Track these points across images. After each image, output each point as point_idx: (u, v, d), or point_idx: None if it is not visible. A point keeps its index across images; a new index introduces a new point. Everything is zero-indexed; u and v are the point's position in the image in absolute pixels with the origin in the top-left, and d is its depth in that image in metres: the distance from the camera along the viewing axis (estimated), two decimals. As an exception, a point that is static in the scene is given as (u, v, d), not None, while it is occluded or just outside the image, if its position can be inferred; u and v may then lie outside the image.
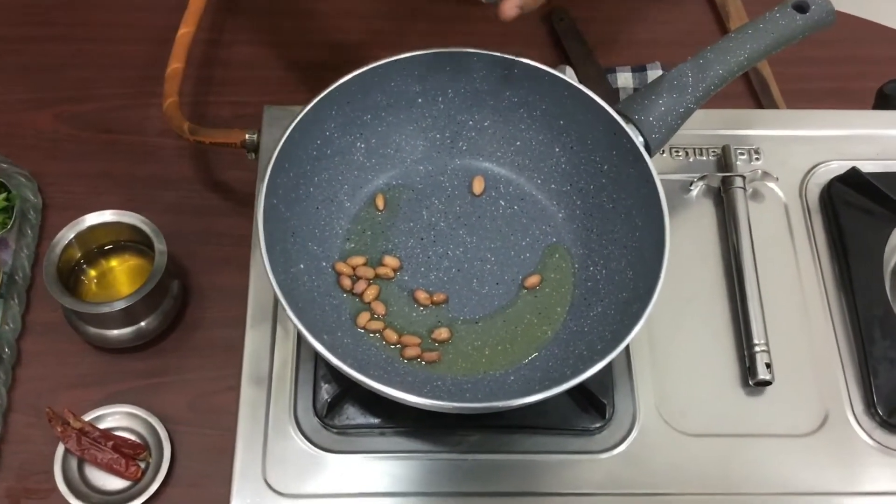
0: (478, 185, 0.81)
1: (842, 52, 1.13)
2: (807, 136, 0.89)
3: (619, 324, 0.70)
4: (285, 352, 0.76)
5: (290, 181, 0.74)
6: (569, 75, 1.06)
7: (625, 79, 1.09)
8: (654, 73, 1.08)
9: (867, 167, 0.85)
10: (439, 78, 0.78)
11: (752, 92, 1.10)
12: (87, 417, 0.86)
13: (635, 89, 1.08)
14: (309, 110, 0.73)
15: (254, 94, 1.06)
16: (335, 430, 0.73)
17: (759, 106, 1.09)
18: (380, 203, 0.80)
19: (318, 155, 0.76)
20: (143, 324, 0.89)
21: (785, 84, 1.09)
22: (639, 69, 1.09)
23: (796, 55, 1.05)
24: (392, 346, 0.74)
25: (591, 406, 0.74)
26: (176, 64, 0.94)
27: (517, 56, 0.76)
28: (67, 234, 0.87)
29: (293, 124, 0.72)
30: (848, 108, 1.02)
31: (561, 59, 1.11)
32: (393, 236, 0.78)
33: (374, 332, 0.74)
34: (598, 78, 1.08)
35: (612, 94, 1.07)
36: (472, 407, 0.68)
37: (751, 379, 0.76)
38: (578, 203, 0.79)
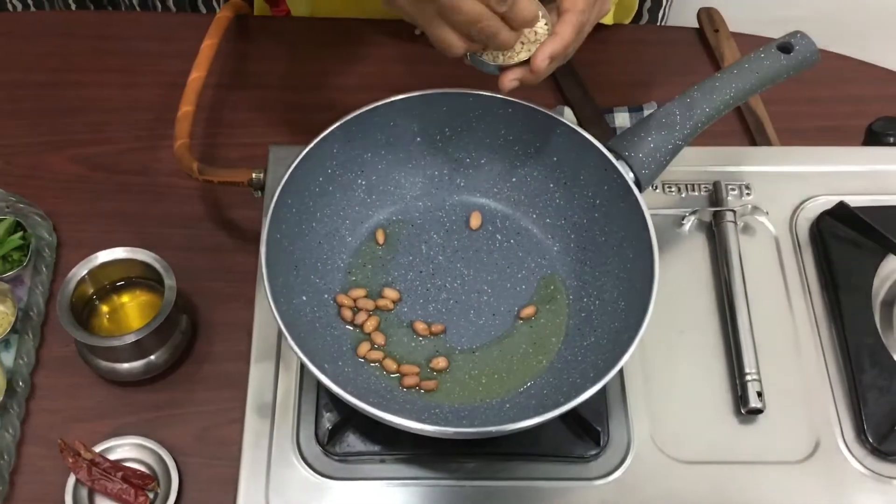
0: (475, 220, 0.83)
1: (835, 92, 1.15)
2: (796, 172, 0.91)
3: (610, 352, 0.72)
4: (288, 382, 0.78)
5: (293, 216, 0.76)
6: (567, 116, 1.10)
7: (622, 118, 1.11)
8: (650, 113, 1.11)
9: (855, 201, 0.87)
10: (436, 117, 0.81)
11: (747, 131, 1.12)
12: (98, 449, 0.88)
13: (632, 129, 1.11)
14: (311, 149, 0.76)
15: (261, 136, 1.09)
16: (336, 458, 0.75)
17: (754, 142, 1.12)
18: (380, 238, 0.82)
19: (321, 191, 0.79)
20: (152, 357, 0.91)
21: (779, 123, 1.11)
22: (635, 109, 1.12)
23: (790, 95, 1.08)
24: (391, 375, 0.76)
25: (586, 433, 0.76)
26: (187, 107, 0.98)
27: (511, 96, 0.79)
28: (80, 270, 0.90)
29: (295, 162, 0.75)
30: (841, 145, 1.04)
31: (559, 101, 1.14)
32: (393, 269, 0.81)
33: (375, 361, 0.76)
34: (596, 118, 1.11)
35: (609, 134, 1.10)
36: (468, 432, 0.70)
37: (742, 407, 0.78)
38: (572, 236, 0.81)
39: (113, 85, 1.12)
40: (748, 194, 0.89)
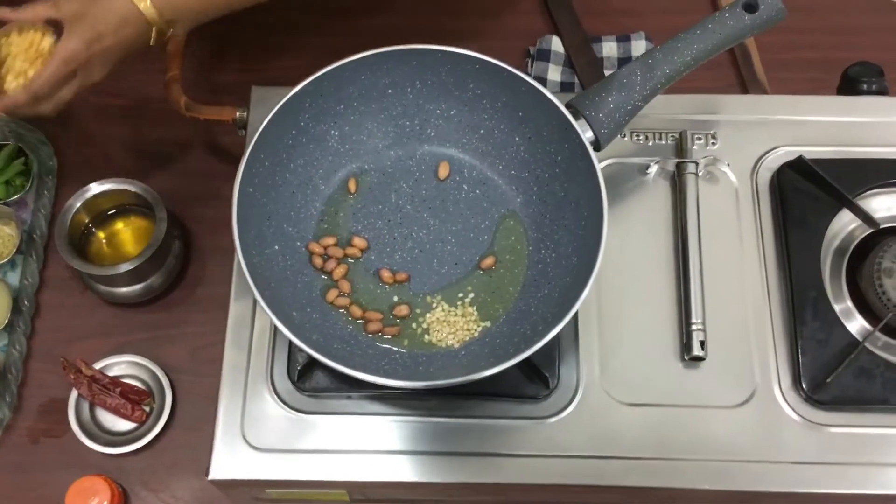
0: (443, 170, 0.87)
1: (825, 22, 1.16)
2: (764, 121, 0.92)
3: (560, 307, 0.76)
4: (264, 321, 0.84)
5: (266, 169, 0.80)
6: (554, 45, 1.11)
7: (609, 48, 1.13)
8: (637, 44, 1.12)
9: (819, 153, 0.89)
10: (407, 71, 0.83)
11: (733, 61, 1.13)
12: (98, 366, 0.95)
13: (619, 59, 1.12)
14: (282, 105, 0.79)
15: (253, 62, 1.12)
16: (307, 393, 0.81)
17: (740, 75, 1.13)
18: (352, 186, 0.86)
19: (294, 143, 0.83)
20: (147, 281, 0.98)
21: (767, 54, 1.12)
22: (623, 39, 1.13)
23: (780, 24, 1.08)
24: (357, 321, 0.82)
25: (537, 377, 0.81)
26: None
27: (477, 53, 0.81)
28: (75, 202, 0.95)
29: (267, 119, 0.79)
30: (826, 78, 1.05)
31: (548, 27, 1.15)
32: (363, 218, 0.85)
33: (341, 307, 0.82)
34: (584, 47, 1.13)
35: (596, 63, 1.12)
36: (419, 386, 0.75)
37: (686, 355, 0.83)
38: (535, 189, 0.85)
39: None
40: (714, 144, 0.91)
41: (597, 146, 0.80)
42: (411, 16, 1.16)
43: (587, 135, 0.80)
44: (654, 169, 0.90)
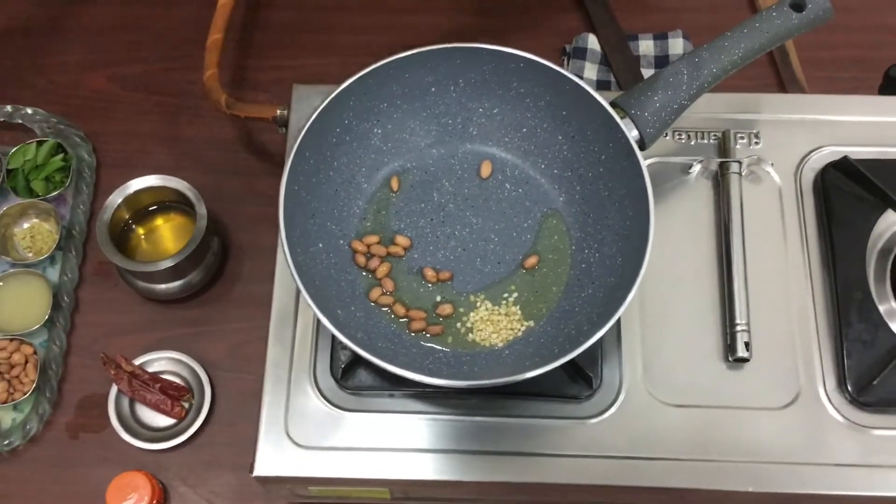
0: (485, 169, 0.86)
1: (866, 20, 1.15)
2: (806, 121, 0.91)
3: (604, 307, 0.76)
4: (306, 319, 0.84)
5: (310, 167, 0.80)
6: (590, 43, 1.11)
7: (646, 46, 1.12)
8: (675, 41, 1.12)
9: (864, 153, 0.89)
10: (450, 69, 0.83)
11: (771, 60, 1.13)
12: (137, 362, 0.96)
13: (656, 57, 1.12)
14: (327, 104, 0.79)
15: (291, 59, 1.12)
16: (349, 391, 0.81)
17: (778, 74, 1.12)
18: (394, 184, 0.86)
19: (338, 142, 0.83)
20: (186, 278, 0.98)
21: (806, 52, 1.11)
22: (660, 37, 1.12)
23: (818, 23, 1.07)
24: (400, 320, 0.81)
25: (579, 376, 0.81)
26: (216, 35, 1.00)
27: (521, 51, 0.81)
28: (116, 198, 0.96)
29: (313, 117, 0.78)
30: (866, 77, 1.05)
31: (584, 25, 1.15)
32: (405, 216, 0.85)
33: (385, 306, 0.82)
34: (620, 45, 1.12)
35: (632, 62, 1.11)
36: (463, 385, 0.75)
37: (730, 356, 0.82)
38: (578, 188, 0.84)
39: (148, 3, 1.15)
40: (757, 143, 0.90)
41: (642, 145, 0.80)
42: (445, 13, 1.16)
43: (633, 134, 0.79)
44: (696, 168, 0.89)
